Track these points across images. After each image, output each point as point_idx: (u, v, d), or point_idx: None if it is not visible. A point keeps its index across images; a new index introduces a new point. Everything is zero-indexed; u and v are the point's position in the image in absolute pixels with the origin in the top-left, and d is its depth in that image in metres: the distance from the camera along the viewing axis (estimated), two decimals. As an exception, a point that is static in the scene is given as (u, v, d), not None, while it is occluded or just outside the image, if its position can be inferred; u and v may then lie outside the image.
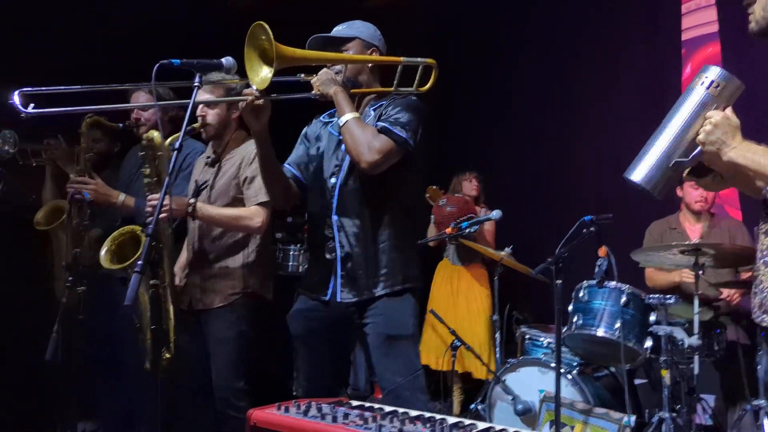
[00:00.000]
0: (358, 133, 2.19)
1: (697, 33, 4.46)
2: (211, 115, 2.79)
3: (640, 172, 1.70)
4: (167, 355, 2.62)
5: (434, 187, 4.54)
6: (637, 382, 3.53)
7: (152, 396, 2.86)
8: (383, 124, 2.23)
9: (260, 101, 2.17)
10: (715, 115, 1.65)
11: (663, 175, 1.70)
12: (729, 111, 1.68)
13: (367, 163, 2.18)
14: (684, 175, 1.84)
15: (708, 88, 1.66)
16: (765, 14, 1.68)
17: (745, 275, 3.41)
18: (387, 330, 2.23)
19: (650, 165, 1.70)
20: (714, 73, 1.67)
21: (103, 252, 2.84)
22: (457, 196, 4.48)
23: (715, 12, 4.33)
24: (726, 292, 3.35)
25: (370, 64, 2.40)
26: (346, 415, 1.64)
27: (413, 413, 1.70)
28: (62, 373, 2.97)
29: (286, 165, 2.51)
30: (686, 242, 3.18)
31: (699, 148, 1.67)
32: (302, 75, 2.32)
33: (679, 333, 2.88)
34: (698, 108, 1.67)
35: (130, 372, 3.06)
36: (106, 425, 3.54)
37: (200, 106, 2.77)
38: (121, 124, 3.24)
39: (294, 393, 3.95)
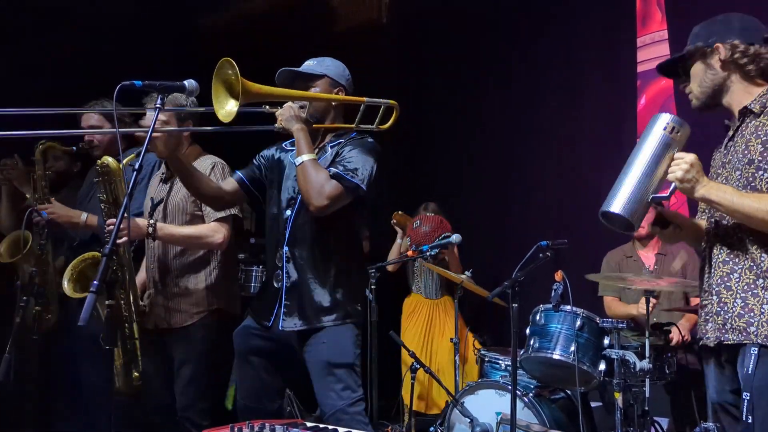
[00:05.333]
0: (312, 176, 2.27)
1: (651, 66, 4.63)
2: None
3: (619, 205, 1.86)
4: (136, 374, 2.61)
5: (400, 212, 4.56)
6: (593, 405, 3.59)
7: (113, 417, 2.83)
8: (336, 170, 2.31)
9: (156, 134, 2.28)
10: (687, 156, 1.85)
11: (641, 207, 1.87)
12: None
13: (315, 207, 2.28)
14: (650, 228, 2.13)
15: (671, 132, 1.87)
16: (702, 89, 2.01)
17: (694, 301, 3.51)
18: (328, 357, 2.31)
19: (628, 198, 1.86)
20: (671, 119, 1.89)
21: (65, 282, 2.83)
22: (430, 215, 4.38)
23: (667, 46, 4.51)
24: (676, 337, 3.42)
25: (334, 103, 2.47)
26: (299, 437, 1.66)
27: (367, 434, 1.72)
28: (16, 396, 2.91)
29: (236, 171, 2.60)
30: (640, 278, 3.26)
31: (674, 185, 1.86)
32: (267, 107, 2.39)
33: (631, 356, 2.95)
34: (662, 149, 1.87)
35: (88, 393, 3.02)
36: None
37: (153, 128, 2.78)
38: (74, 148, 3.24)
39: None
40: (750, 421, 1.79)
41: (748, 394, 1.80)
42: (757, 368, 1.79)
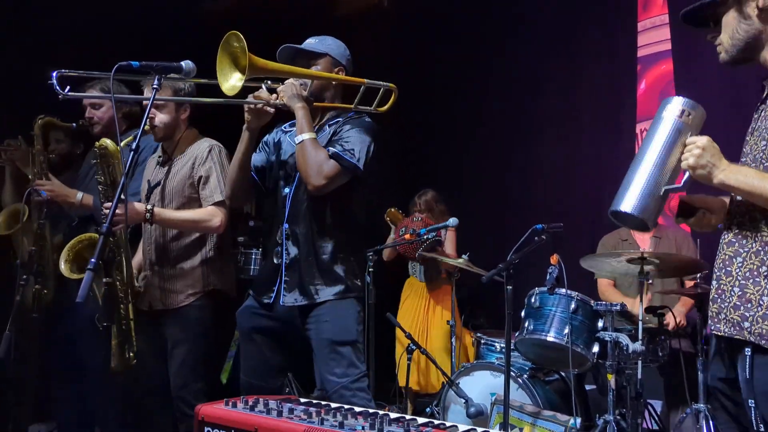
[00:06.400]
0: (312, 155, 2.30)
1: (651, 50, 4.63)
2: (160, 117, 2.81)
3: (630, 203, 1.70)
4: (130, 354, 2.65)
5: (393, 209, 4.59)
6: (587, 387, 3.64)
7: (110, 396, 2.88)
8: (335, 150, 2.34)
9: (270, 109, 2.32)
10: (699, 140, 1.68)
11: (654, 203, 1.70)
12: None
13: (313, 186, 2.32)
14: (675, 218, 1.89)
15: (681, 116, 1.71)
16: (734, 42, 1.75)
17: (689, 284, 3.53)
18: (331, 335, 2.34)
19: (639, 195, 1.69)
20: (683, 102, 1.73)
21: (62, 262, 2.85)
22: (415, 221, 4.39)
23: (668, 31, 4.50)
24: (671, 322, 3.42)
25: (335, 82, 2.49)
26: (291, 410, 1.69)
27: (358, 409, 1.75)
28: (16, 373, 2.96)
29: None
30: (632, 250, 3.28)
31: (688, 173, 1.69)
32: (269, 82, 2.41)
33: (624, 339, 2.99)
34: (674, 135, 1.70)
35: (88, 372, 3.06)
36: (60, 427, 3.51)
37: (150, 108, 2.79)
38: (74, 124, 3.25)
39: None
40: (762, 430, 1.65)
41: (753, 402, 1.65)
42: (755, 372, 1.65)
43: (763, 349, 1.62)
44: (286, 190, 2.45)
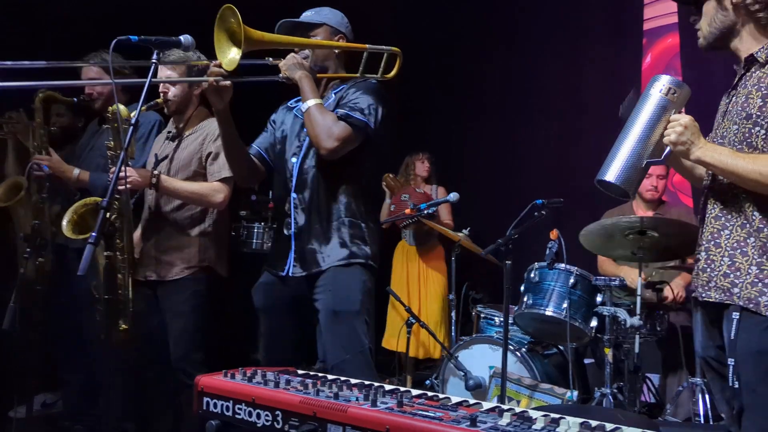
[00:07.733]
0: (319, 119, 2.26)
1: (657, 23, 4.58)
2: (173, 91, 2.82)
3: (614, 174, 1.85)
4: (124, 326, 2.68)
5: (391, 175, 4.61)
6: (586, 362, 3.67)
7: (112, 366, 2.92)
8: (343, 110, 2.30)
9: (226, 82, 2.22)
10: (682, 118, 1.82)
11: (636, 174, 1.85)
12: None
13: (326, 150, 2.27)
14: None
15: (666, 94, 1.85)
16: (711, 29, 1.93)
17: (691, 260, 3.53)
18: (333, 305, 2.30)
19: (623, 166, 1.84)
20: (669, 81, 1.87)
21: (64, 222, 2.87)
22: (418, 192, 4.51)
23: (674, 3, 4.44)
24: (670, 295, 3.43)
25: (336, 50, 2.46)
26: (288, 382, 1.71)
27: (353, 381, 1.78)
28: (21, 344, 3.00)
29: (253, 145, 2.57)
30: (630, 216, 3.24)
31: (669, 148, 1.84)
32: (270, 58, 2.39)
33: (622, 314, 3.00)
34: (659, 112, 1.85)
35: (91, 343, 3.10)
36: (65, 397, 3.58)
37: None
38: (75, 99, 3.25)
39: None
40: (737, 386, 1.79)
41: (733, 360, 1.79)
42: (739, 333, 1.78)
43: (749, 311, 1.78)
44: (293, 160, 2.42)
